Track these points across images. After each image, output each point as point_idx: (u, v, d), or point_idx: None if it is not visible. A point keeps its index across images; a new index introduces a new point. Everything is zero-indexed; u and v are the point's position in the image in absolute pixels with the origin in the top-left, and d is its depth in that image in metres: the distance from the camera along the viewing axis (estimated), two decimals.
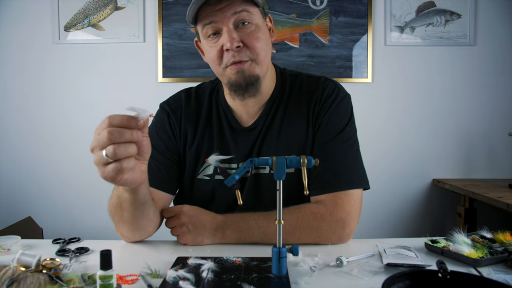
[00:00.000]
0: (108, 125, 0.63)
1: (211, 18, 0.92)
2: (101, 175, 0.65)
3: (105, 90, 2.42)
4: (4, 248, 0.87)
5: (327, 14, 2.39)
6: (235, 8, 0.91)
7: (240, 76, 0.95)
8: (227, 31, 0.91)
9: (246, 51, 0.93)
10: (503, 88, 2.42)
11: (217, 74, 1.00)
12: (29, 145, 2.46)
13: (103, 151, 0.63)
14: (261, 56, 0.96)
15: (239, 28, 0.93)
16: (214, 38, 0.94)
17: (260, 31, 0.96)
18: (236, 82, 0.96)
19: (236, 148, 1.03)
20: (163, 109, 1.08)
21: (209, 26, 0.93)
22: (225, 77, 0.97)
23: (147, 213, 0.88)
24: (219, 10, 0.91)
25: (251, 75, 0.95)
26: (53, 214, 2.45)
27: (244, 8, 0.92)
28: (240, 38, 0.92)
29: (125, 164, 0.64)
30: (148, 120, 0.67)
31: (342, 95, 1.03)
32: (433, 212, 2.45)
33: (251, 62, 0.95)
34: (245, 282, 0.68)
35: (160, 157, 1.02)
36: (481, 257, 0.78)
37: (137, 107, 0.64)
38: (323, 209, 0.93)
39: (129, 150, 0.64)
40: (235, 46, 0.91)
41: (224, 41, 0.92)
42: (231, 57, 0.93)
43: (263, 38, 0.96)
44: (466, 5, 2.38)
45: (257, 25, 0.95)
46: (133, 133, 0.64)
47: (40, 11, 2.42)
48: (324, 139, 0.99)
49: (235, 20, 0.92)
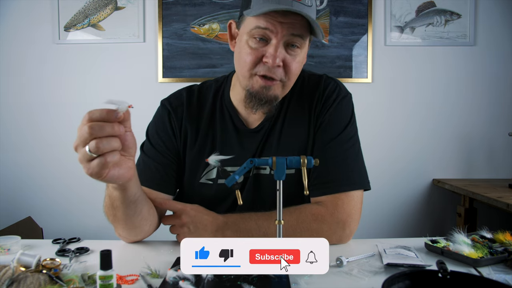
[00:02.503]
0: (88, 120, 0.63)
1: (268, 25, 0.87)
2: (86, 172, 0.65)
3: (105, 90, 2.42)
4: (4, 248, 0.87)
5: (327, 14, 2.39)
6: (295, 30, 0.88)
7: (264, 92, 0.93)
8: (276, 46, 0.89)
9: (282, 72, 0.92)
10: (503, 88, 2.42)
11: (240, 74, 0.96)
12: (29, 145, 2.46)
13: (86, 147, 0.63)
14: (291, 81, 0.95)
15: (287, 49, 0.91)
16: (259, 42, 0.91)
17: (301, 56, 0.94)
18: (256, 95, 0.94)
19: (242, 150, 1.02)
20: (164, 107, 1.06)
21: (262, 30, 0.89)
22: (247, 83, 0.95)
23: (139, 211, 0.87)
24: (280, 23, 0.87)
25: (273, 95, 0.94)
26: (53, 214, 2.45)
27: (302, 34, 0.90)
28: (283, 58, 0.90)
29: (109, 158, 0.64)
30: (128, 112, 0.65)
31: (343, 94, 1.03)
32: (433, 212, 2.45)
33: (280, 84, 0.94)
34: (245, 282, 0.68)
35: (159, 157, 1.01)
36: (481, 257, 0.78)
37: (116, 100, 0.63)
38: (324, 210, 0.92)
39: (112, 144, 0.63)
40: (276, 64, 0.89)
41: (269, 54, 0.89)
42: (265, 70, 0.91)
43: (300, 64, 0.95)
44: (466, 5, 2.38)
45: (301, 52, 0.94)
46: (114, 126, 0.63)
47: (40, 11, 2.42)
48: (325, 139, 0.98)
49: (288, 40, 0.90)
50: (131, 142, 0.69)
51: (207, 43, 2.40)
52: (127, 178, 0.73)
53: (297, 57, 0.93)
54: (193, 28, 2.39)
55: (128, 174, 0.72)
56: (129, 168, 0.72)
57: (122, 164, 0.69)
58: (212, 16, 2.39)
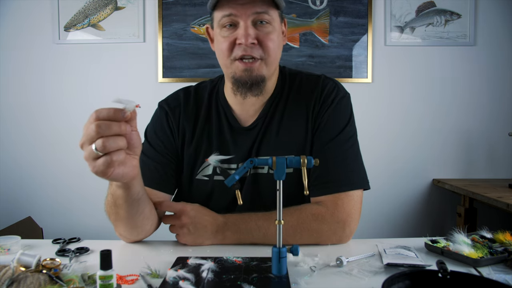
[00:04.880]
0: (95, 119, 0.63)
1: (231, 10, 0.91)
2: (92, 170, 0.65)
3: (105, 90, 2.42)
4: (4, 248, 0.87)
5: (327, 14, 2.39)
6: (257, 8, 0.92)
7: (247, 75, 0.95)
8: (245, 26, 0.92)
9: (259, 49, 0.94)
10: (503, 88, 2.42)
11: (222, 66, 0.99)
12: (29, 145, 2.46)
13: (92, 145, 0.63)
14: (271, 57, 0.96)
15: (257, 26, 0.93)
16: (229, 29, 0.94)
17: (275, 33, 0.96)
18: (241, 79, 0.96)
19: (236, 147, 1.03)
20: (162, 108, 1.08)
21: (228, 17, 0.93)
22: (230, 70, 0.97)
23: (142, 210, 0.87)
24: (241, 5, 0.91)
25: (258, 75, 0.95)
26: (53, 214, 2.45)
27: (266, 10, 0.93)
28: (256, 36, 0.92)
29: (115, 157, 0.64)
30: (135, 112, 0.66)
31: (341, 94, 1.03)
32: (433, 212, 2.45)
33: (261, 62, 0.95)
34: (245, 282, 0.68)
35: (158, 157, 1.02)
36: (481, 257, 0.78)
37: (123, 99, 0.64)
38: (324, 210, 0.93)
39: (118, 143, 0.64)
40: (249, 42, 0.91)
41: (240, 35, 0.92)
42: (242, 50, 0.93)
43: (276, 41, 0.97)
44: (466, 5, 2.38)
45: (274, 27, 0.96)
46: (121, 125, 0.64)
47: (40, 11, 2.42)
48: (324, 139, 0.99)
49: (254, 18, 0.92)
50: (137, 141, 0.70)
51: (207, 43, 2.40)
52: (131, 176, 0.74)
53: (270, 33, 0.95)
54: (193, 28, 2.39)
55: (132, 172, 0.73)
56: (134, 166, 0.73)
57: (127, 162, 0.70)
58: None
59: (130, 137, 0.68)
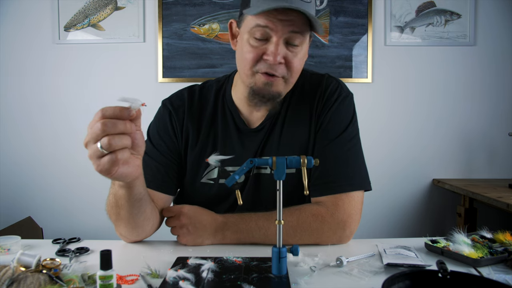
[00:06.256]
0: (101, 117, 0.63)
1: (269, 24, 0.87)
2: (96, 169, 0.65)
3: (105, 90, 2.42)
4: (4, 248, 0.87)
5: (327, 14, 2.39)
6: (294, 27, 0.88)
7: (267, 89, 0.93)
8: (277, 43, 0.89)
9: (284, 69, 0.92)
10: (503, 88, 2.42)
11: (242, 72, 0.96)
12: (29, 145, 2.46)
13: (97, 144, 0.63)
14: (293, 77, 0.95)
15: (288, 46, 0.91)
16: (260, 41, 0.91)
17: (302, 53, 0.94)
18: (259, 92, 0.94)
19: (243, 149, 1.02)
20: (165, 107, 1.06)
21: (262, 28, 0.88)
22: (250, 81, 0.95)
23: (143, 210, 0.87)
24: (279, 20, 0.87)
25: (276, 92, 0.94)
26: (53, 214, 2.45)
27: (302, 30, 0.89)
28: (284, 55, 0.91)
29: (120, 155, 0.64)
30: (140, 111, 0.67)
31: (344, 94, 1.02)
32: (433, 212, 2.45)
33: (282, 80, 0.94)
34: (245, 282, 0.68)
35: (160, 158, 1.01)
36: (481, 257, 0.78)
37: (129, 97, 0.64)
38: (324, 210, 0.92)
39: (123, 141, 0.64)
40: (277, 61, 0.90)
41: (269, 51, 0.89)
42: (267, 67, 0.91)
43: (302, 61, 0.95)
44: (466, 5, 2.38)
45: (302, 48, 0.94)
46: (126, 124, 0.64)
47: (40, 11, 2.42)
48: (326, 139, 0.98)
49: (288, 37, 0.90)
50: (140, 141, 0.70)
51: (207, 43, 2.40)
52: (134, 176, 0.74)
53: (298, 53, 0.93)
54: (193, 28, 2.39)
55: (136, 172, 0.73)
56: (137, 166, 0.73)
57: (130, 162, 0.70)
58: (212, 16, 2.39)
59: (134, 137, 0.68)
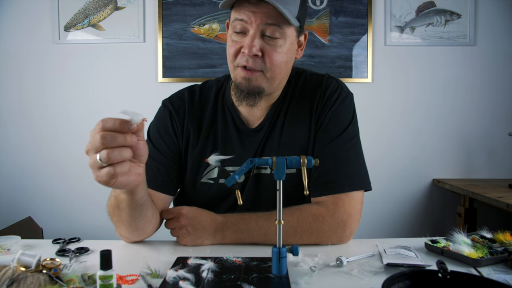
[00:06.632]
0: (101, 129, 0.62)
1: (243, 16, 0.89)
2: (95, 179, 0.65)
3: (105, 90, 2.42)
4: (4, 248, 0.87)
5: (327, 14, 2.39)
6: (269, 19, 0.88)
7: (245, 83, 0.93)
8: (252, 35, 0.89)
9: (261, 62, 0.92)
10: (502, 88, 2.42)
11: (229, 68, 0.99)
12: (29, 145, 2.46)
13: (97, 155, 0.63)
14: (273, 71, 0.94)
15: (265, 38, 0.91)
16: (239, 35, 0.92)
17: (285, 47, 0.93)
18: (239, 86, 0.95)
19: (243, 149, 1.02)
20: (165, 107, 1.06)
21: (239, 21, 0.90)
22: (233, 75, 0.97)
23: (144, 214, 0.87)
24: (253, 13, 0.88)
25: (256, 86, 0.94)
26: (53, 214, 2.45)
27: (279, 22, 0.89)
28: (261, 47, 0.90)
29: (119, 169, 0.64)
30: (142, 124, 0.66)
31: (344, 94, 1.02)
32: (433, 212, 2.45)
33: (261, 74, 0.93)
34: (245, 282, 0.68)
35: (160, 158, 1.01)
36: (481, 257, 0.78)
37: (130, 111, 0.63)
38: (324, 210, 0.92)
39: (123, 155, 0.63)
40: (252, 53, 0.90)
41: (245, 44, 0.90)
42: (244, 61, 0.92)
43: (284, 55, 0.94)
44: (466, 5, 2.38)
45: (285, 41, 0.93)
46: (126, 137, 0.63)
47: (40, 11, 2.42)
48: (326, 139, 0.98)
49: (264, 29, 0.90)
50: (143, 150, 0.69)
51: (207, 43, 2.40)
52: (135, 184, 0.73)
53: (278, 47, 0.92)
54: (193, 28, 2.39)
55: (136, 181, 0.71)
56: (138, 174, 0.71)
57: (131, 171, 0.68)
58: (212, 16, 2.39)
59: (137, 147, 0.66)
